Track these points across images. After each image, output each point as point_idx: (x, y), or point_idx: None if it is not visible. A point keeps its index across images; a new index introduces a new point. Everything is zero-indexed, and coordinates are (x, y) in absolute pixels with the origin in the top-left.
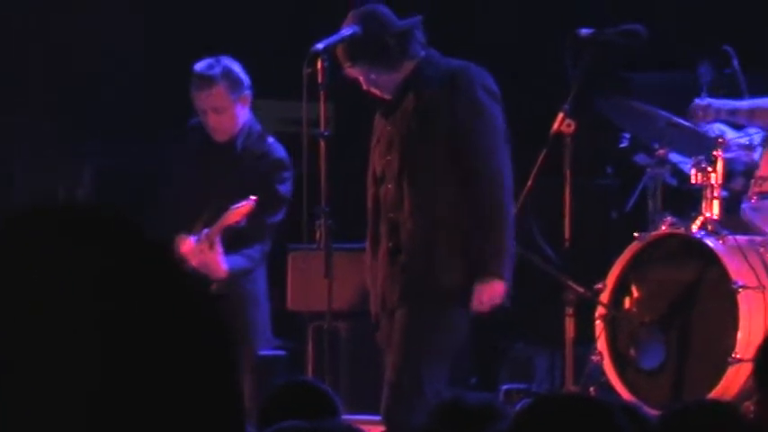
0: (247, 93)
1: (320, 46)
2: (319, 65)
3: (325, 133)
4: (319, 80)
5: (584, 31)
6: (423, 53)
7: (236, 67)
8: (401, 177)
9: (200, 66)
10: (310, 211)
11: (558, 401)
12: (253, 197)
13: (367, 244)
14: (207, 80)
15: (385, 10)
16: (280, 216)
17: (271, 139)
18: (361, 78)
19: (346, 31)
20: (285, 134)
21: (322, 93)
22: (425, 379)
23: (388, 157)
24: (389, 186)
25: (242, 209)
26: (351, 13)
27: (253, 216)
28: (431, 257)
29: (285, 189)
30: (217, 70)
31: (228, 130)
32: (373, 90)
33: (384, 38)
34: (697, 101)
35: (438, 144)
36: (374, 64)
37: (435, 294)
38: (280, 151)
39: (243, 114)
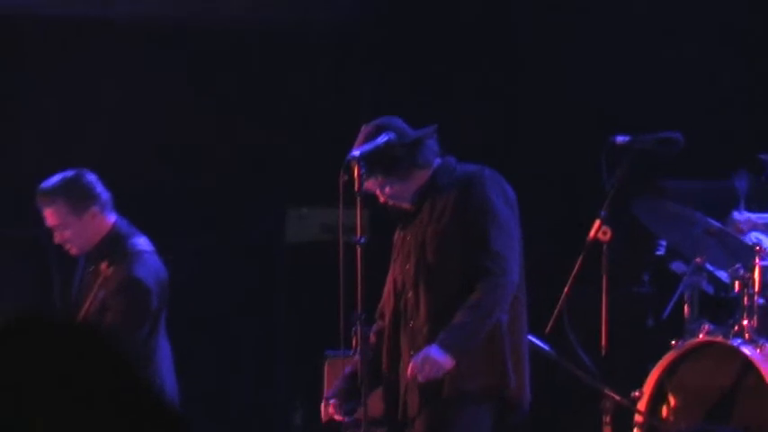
0: (96, 208)
1: (356, 153)
2: (356, 172)
3: (362, 240)
4: (356, 187)
5: (621, 138)
6: (437, 161)
7: (84, 181)
8: (417, 284)
9: (44, 182)
10: (347, 317)
11: None
12: None
13: (383, 356)
14: (43, 197)
15: (397, 121)
16: (143, 333)
17: (138, 249)
18: (377, 192)
19: (382, 138)
20: (323, 242)
21: (358, 199)
22: None
23: (407, 266)
24: (409, 295)
25: None
26: (365, 127)
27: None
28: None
29: (143, 311)
30: (56, 186)
31: (80, 245)
32: (391, 203)
33: (395, 148)
34: (735, 215)
35: (453, 249)
36: (386, 175)
37: (453, 399)
38: (140, 270)
39: (100, 227)
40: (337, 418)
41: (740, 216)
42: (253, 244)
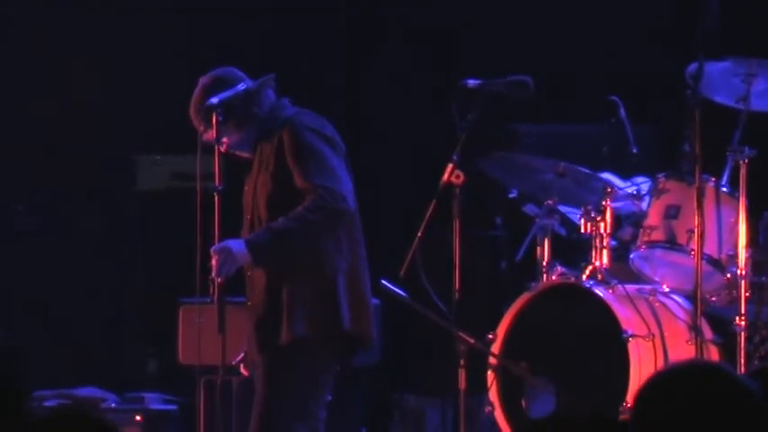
0: None
1: (215, 100)
2: (214, 119)
3: (220, 188)
4: (214, 135)
5: (472, 82)
6: (268, 107)
7: None
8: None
9: None
10: (203, 265)
11: None
12: None
13: None
14: None
15: (235, 72)
16: None
17: None
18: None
19: (241, 85)
20: (179, 189)
21: (216, 147)
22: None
23: (247, 216)
24: None
25: None
26: (203, 78)
27: None
28: (278, 311)
29: None
30: None
31: None
32: (231, 152)
33: (232, 100)
34: None
35: (279, 199)
36: (224, 125)
37: (287, 346)
38: None
39: None
40: (244, 373)
41: None
42: (103, 191)
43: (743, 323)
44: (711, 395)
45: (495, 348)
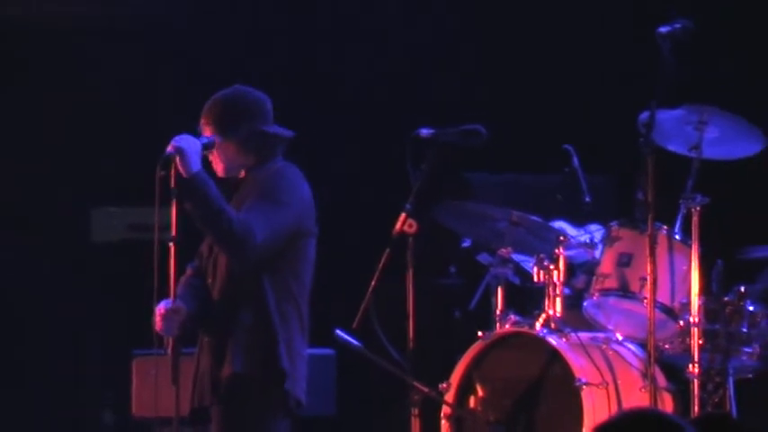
0: None
1: (174, 150)
2: (173, 169)
3: (176, 238)
4: (171, 185)
5: (425, 132)
6: (277, 154)
7: None
8: (210, 268)
9: None
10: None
11: None
12: None
13: None
14: None
15: (253, 101)
16: None
17: None
18: (210, 135)
19: (202, 139)
20: (136, 240)
21: (174, 197)
22: None
23: (207, 249)
24: (209, 281)
25: None
26: (235, 92)
27: None
28: (227, 351)
29: None
30: None
31: None
32: (213, 157)
33: (257, 125)
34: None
35: None
36: (234, 133)
37: (229, 390)
38: None
39: None
40: (157, 324)
41: None
42: (58, 244)
43: (696, 371)
44: None
45: (449, 397)
